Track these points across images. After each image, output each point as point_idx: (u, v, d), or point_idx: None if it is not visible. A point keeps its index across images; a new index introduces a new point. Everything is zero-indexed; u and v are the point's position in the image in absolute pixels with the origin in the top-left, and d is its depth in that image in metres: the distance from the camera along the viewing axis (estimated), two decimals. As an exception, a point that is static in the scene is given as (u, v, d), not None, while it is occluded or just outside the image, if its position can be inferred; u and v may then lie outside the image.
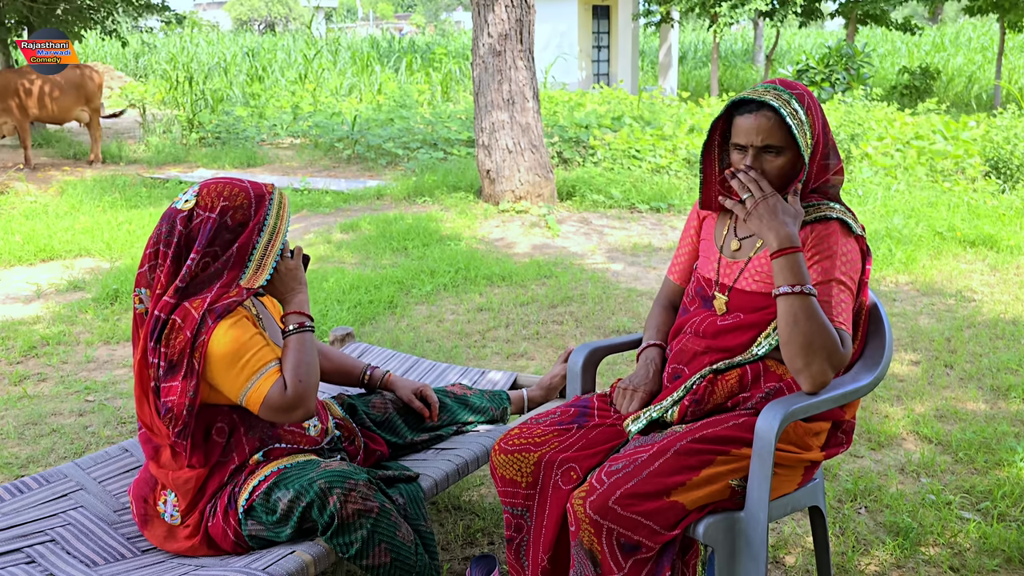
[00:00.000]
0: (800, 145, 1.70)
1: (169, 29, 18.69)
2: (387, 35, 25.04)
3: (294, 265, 1.94)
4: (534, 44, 7.13)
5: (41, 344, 4.20)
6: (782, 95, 1.73)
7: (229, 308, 1.79)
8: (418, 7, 66.29)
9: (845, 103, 8.93)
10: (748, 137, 1.75)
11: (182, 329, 1.77)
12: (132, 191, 8.12)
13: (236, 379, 1.78)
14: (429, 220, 6.53)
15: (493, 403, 2.46)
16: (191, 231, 1.83)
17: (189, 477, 1.84)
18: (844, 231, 1.77)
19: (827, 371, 1.68)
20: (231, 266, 1.84)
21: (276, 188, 1.95)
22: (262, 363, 1.80)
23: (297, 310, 1.91)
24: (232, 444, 1.87)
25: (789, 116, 1.69)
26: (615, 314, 4.47)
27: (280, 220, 1.91)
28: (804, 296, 1.65)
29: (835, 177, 1.82)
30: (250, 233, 1.86)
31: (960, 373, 3.65)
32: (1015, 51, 19.18)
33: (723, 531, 1.69)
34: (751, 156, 1.76)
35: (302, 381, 1.81)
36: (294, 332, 1.87)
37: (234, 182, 1.90)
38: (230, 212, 1.85)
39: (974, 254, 5.47)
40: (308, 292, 2.00)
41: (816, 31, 31.34)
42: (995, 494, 2.64)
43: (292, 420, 1.83)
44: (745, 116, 1.75)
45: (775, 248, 1.67)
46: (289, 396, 1.79)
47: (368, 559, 1.75)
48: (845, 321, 1.71)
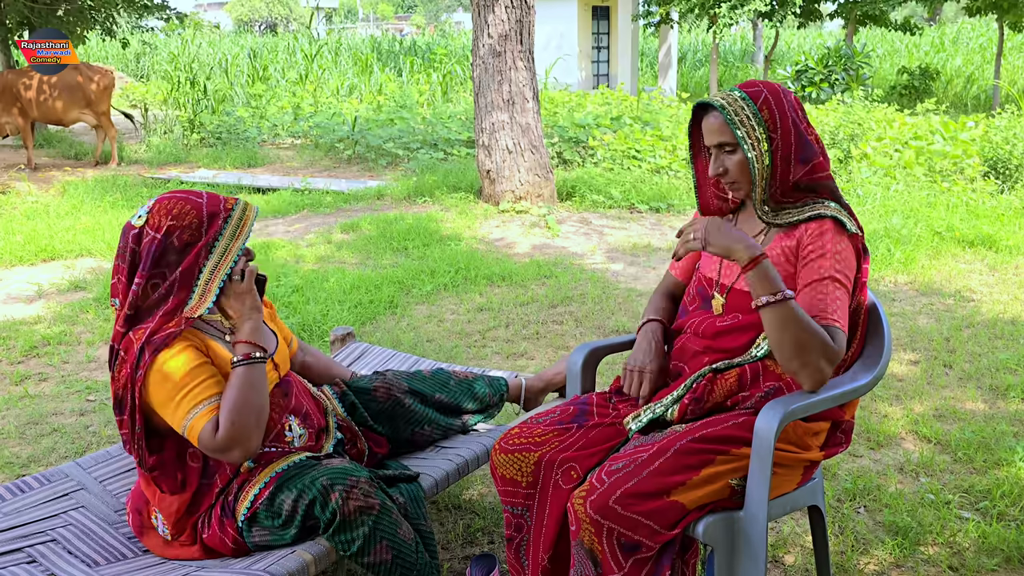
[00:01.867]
0: (739, 140, 1.76)
1: (170, 29, 18.69)
2: (387, 36, 25.04)
3: (244, 289, 1.81)
4: (534, 45, 7.13)
5: (42, 344, 4.21)
6: (732, 95, 1.79)
7: (166, 341, 1.71)
8: (418, 8, 66.31)
9: (844, 103, 8.94)
10: (706, 138, 1.83)
11: (124, 363, 1.72)
12: (133, 191, 8.12)
13: (175, 415, 1.72)
14: (429, 220, 6.54)
15: (492, 388, 2.43)
16: (140, 251, 1.75)
17: (171, 502, 1.82)
18: (838, 229, 1.77)
19: (823, 367, 1.68)
20: (176, 291, 1.74)
21: (239, 203, 1.83)
22: (197, 400, 1.71)
23: (246, 339, 1.78)
24: (211, 467, 1.83)
25: (732, 114, 1.76)
26: (615, 314, 4.48)
27: (234, 240, 1.79)
28: (784, 302, 1.65)
29: (819, 174, 1.81)
30: (195, 256, 1.75)
31: (959, 373, 3.66)
32: (1014, 51, 19.18)
33: (723, 530, 1.70)
34: (713, 156, 1.84)
35: (235, 423, 1.69)
36: (239, 364, 1.76)
37: (189, 199, 1.79)
38: (176, 232, 1.75)
39: (973, 254, 5.48)
40: (262, 317, 1.87)
41: (815, 32, 31.33)
42: (994, 493, 2.64)
43: (232, 460, 1.74)
44: (705, 119, 1.83)
45: (745, 260, 1.69)
46: (220, 438, 1.69)
47: (370, 556, 1.76)
48: (840, 318, 1.71)
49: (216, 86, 14.75)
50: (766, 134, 1.76)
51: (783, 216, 1.82)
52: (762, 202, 1.81)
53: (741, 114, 1.77)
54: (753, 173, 1.78)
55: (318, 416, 2.03)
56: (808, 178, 1.80)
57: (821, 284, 1.72)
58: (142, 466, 1.79)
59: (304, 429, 1.95)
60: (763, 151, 1.76)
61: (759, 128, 1.76)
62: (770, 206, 1.81)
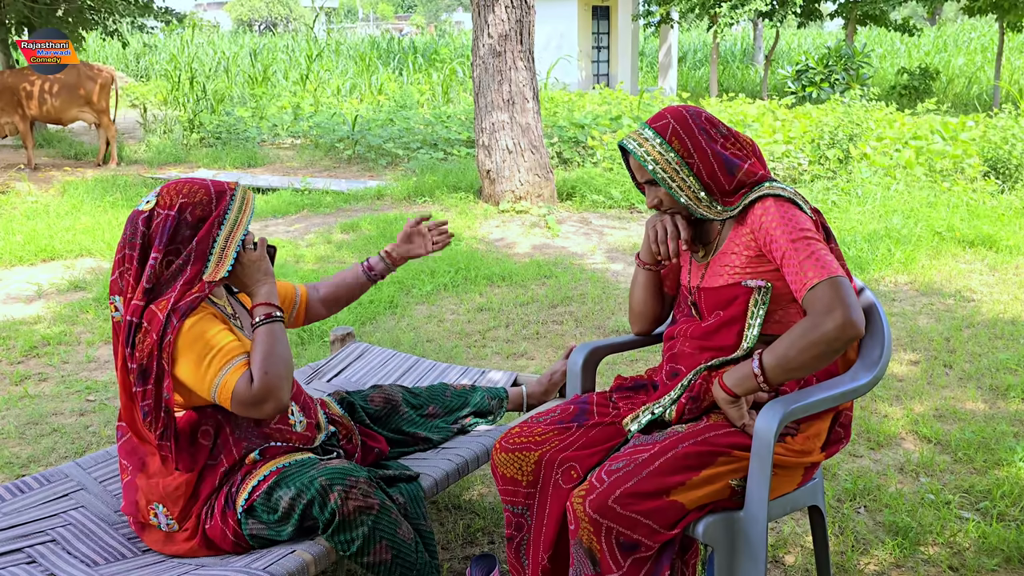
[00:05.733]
0: (657, 179, 1.81)
1: (169, 30, 18.70)
2: (387, 36, 25.05)
3: (258, 256, 1.92)
4: (534, 45, 7.13)
5: (42, 344, 4.21)
6: (642, 134, 1.85)
7: (192, 305, 1.78)
8: (418, 8, 66.32)
9: (844, 103, 8.93)
10: (636, 176, 1.91)
11: (149, 332, 1.76)
12: (133, 191, 8.12)
13: (204, 376, 1.77)
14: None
15: (490, 394, 2.46)
16: (152, 231, 1.81)
17: (179, 483, 1.83)
18: (777, 201, 1.76)
19: (845, 328, 1.59)
20: (192, 262, 1.82)
21: (240, 185, 1.93)
22: (228, 357, 1.78)
23: (264, 301, 1.88)
24: (219, 446, 1.86)
25: (644, 155, 1.82)
26: (615, 314, 4.47)
27: (243, 213, 1.89)
28: (764, 363, 1.66)
29: (750, 170, 1.82)
30: (210, 227, 1.84)
31: (959, 373, 3.66)
32: (1014, 51, 19.19)
33: (723, 530, 1.70)
34: (646, 191, 1.91)
35: (268, 373, 1.77)
36: (262, 323, 1.85)
37: (194, 180, 1.89)
38: (189, 208, 1.83)
39: (973, 254, 5.48)
40: (276, 283, 1.99)
41: (815, 32, 31.34)
42: (994, 493, 2.64)
43: (264, 414, 1.79)
44: (630, 158, 1.90)
45: (727, 397, 1.74)
46: (256, 389, 1.76)
47: (369, 556, 1.76)
48: (827, 268, 1.64)
49: (216, 86, 14.76)
50: (684, 163, 1.80)
51: (734, 210, 1.83)
52: (709, 210, 1.83)
53: (653, 152, 1.82)
54: (681, 200, 1.82)
55: (313, 408, 2.06)
56: (741, 180, 1.82)
57: (792, 253, 1.69)
58: (162, 438, 1.79)
59: (304, 417, 1.99)
60: (685, 177, 1.81)
61: (674, 160, 1.80)
62: (723, 204, 1.84)
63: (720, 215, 1.83)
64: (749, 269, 1.79)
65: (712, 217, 1.84)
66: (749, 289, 1.79)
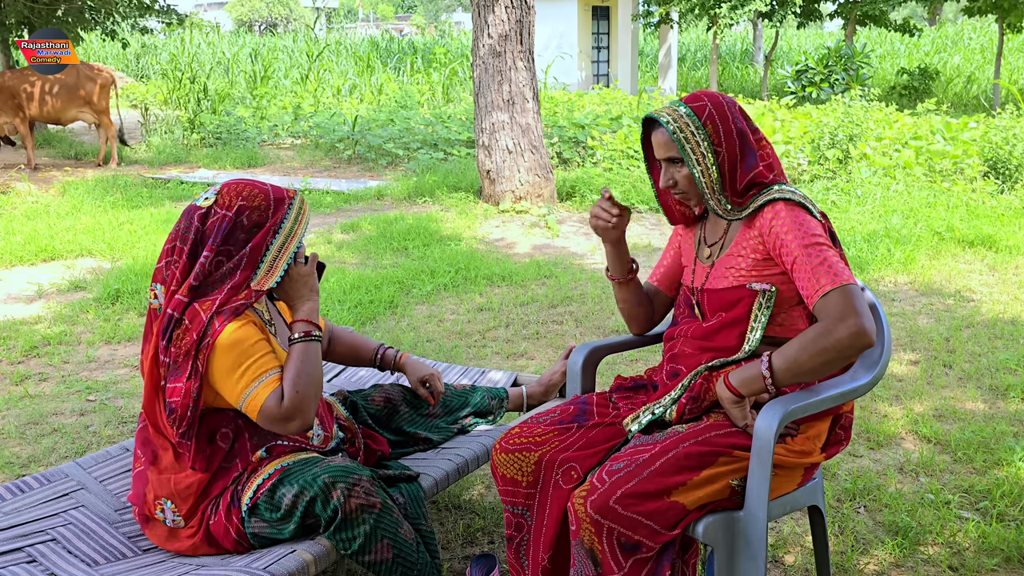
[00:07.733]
0: (684, 156, 1.79)
1: (169, 30, 18.69)
2: (386, 36, 25.05)
3: (307, 271, 1.90)
4: (534, 45, 7.14)
5: (42, 344, 4.21)
6: (677, 110, 1.81)
7: (237, 311, 1.78)
8: (418, 8, 66.32)
9: (844, 103, 8.94)
10: (656, 152, 1.87)
11: (189, 330, 1.76)
12: (133, 191, 8.13)
13: (236, 384, 1.77)
14: (429, 220, 6.54)
15: (490, 394, 2.47)
16: (207, 228, 1.81)
17: (191, 482, 1.83)
18: (788, 205, 1.77)
19: (859, 337, 1.61)
20: (243, 267, 1.82)
21: (299, 194, 1.93)
22: (263, 370, 1.78)
23: (305, 318, 1.87)
24: (236, 450, 1.86)
25: (677, 131, 1.79)
26: (615, 314, 4.48)
27: (298, 224, 1.88)
28: (774, 365, 1.67)
29: (762, 173, 1.82)
30: (264, 234, 1.84)
31: (959, 373, 3.66)
32: (1014, 52, 19.19)
33: (723, 530, 1.70)
34: (663, 168, 1.87)
35: (299, 392, 1.77)
36: (299, 341, 1.85)
37: (256, 184, 1.88)
38: (247, 212, 1.83)
39: (973, 254, 5.48)
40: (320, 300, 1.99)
41: (815, 32, 31.34)
42: (994, 493, 2.64)
43: (289, 431, 1.80)
44: (653, 133, 1.87)
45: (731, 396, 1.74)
46: (285, 407, 1.76)
47: (370, 555, 1.76)
48: (839, 276, 1.65)
49: (216, 86, 14.76)
50: (711, 148, 1.79)
51: (743, 211, 1.83)
52: (718, 203, 1.83)
53: (686, 130, 1.79)
54: (700, 186, 1.81)
55: (328, 419, 2.07)
56: (751, 180, 1.82)
57: (804, 258, 1.70)
58: (183, 436, 1.79)
59: (321, 431, 2.00)
60: (709, 164, 1.79)
61: (704, 143, 1.79)
62: (732, 204, 1.83)
63: (727, 213, 1.83)
64: (755, 272, 1.79)
65: (718, 212, 1.83)
66: (754, 292, 1.79)
